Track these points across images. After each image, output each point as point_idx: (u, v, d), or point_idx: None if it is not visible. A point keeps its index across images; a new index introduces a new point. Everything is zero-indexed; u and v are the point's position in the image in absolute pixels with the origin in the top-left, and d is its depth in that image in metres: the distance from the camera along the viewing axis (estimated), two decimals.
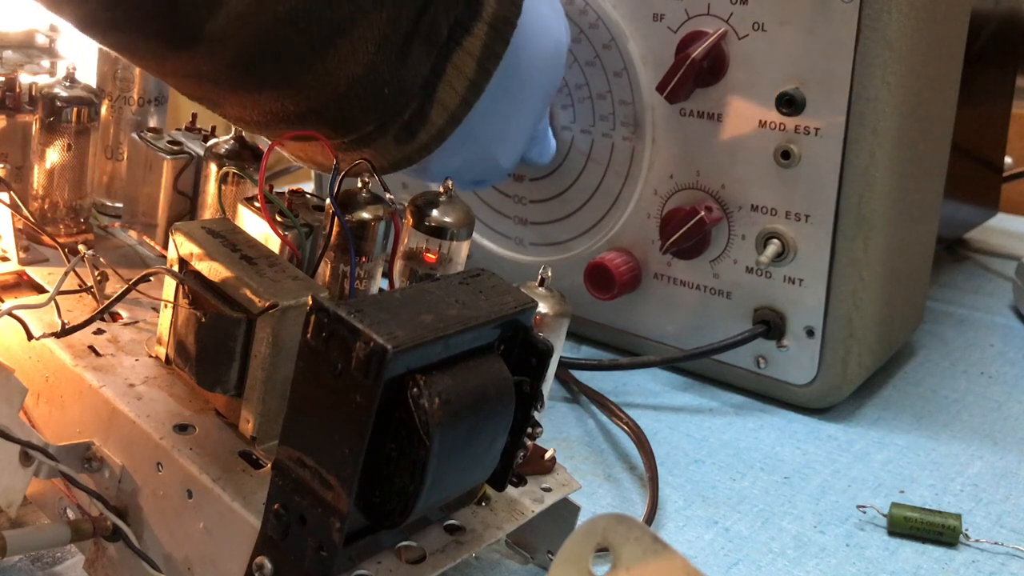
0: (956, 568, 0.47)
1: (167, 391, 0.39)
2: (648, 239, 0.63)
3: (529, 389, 0.36)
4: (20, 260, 0.47)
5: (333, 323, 0.30)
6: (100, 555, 0.38)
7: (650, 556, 0.28)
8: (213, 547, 0.35)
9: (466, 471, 0.34)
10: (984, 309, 0.80)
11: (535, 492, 0.41)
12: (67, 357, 0.40)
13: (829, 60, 0.55)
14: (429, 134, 0.48)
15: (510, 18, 0.47)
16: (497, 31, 0.47)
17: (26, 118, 0.52)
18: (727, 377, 0.63)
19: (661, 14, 0.59)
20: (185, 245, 0.38)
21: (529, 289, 0.42)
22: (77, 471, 0.37)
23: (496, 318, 0.34)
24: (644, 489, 0.51)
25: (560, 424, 0.58)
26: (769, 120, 0.57)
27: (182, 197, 0.51)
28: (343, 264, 0.41)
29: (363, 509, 0.33)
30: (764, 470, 0.55)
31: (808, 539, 0.49)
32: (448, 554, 0.37)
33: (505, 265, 0.69)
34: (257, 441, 0.37)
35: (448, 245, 0.41)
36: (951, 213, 0.76)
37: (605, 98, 0.63)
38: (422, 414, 0.31)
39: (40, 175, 0.50)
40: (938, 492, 0.53)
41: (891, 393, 0.65)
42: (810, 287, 0.58)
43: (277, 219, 0.41)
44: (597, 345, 0.67)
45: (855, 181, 0.56)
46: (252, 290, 0.36)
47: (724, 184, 0.60)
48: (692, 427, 0.58)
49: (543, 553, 0.44)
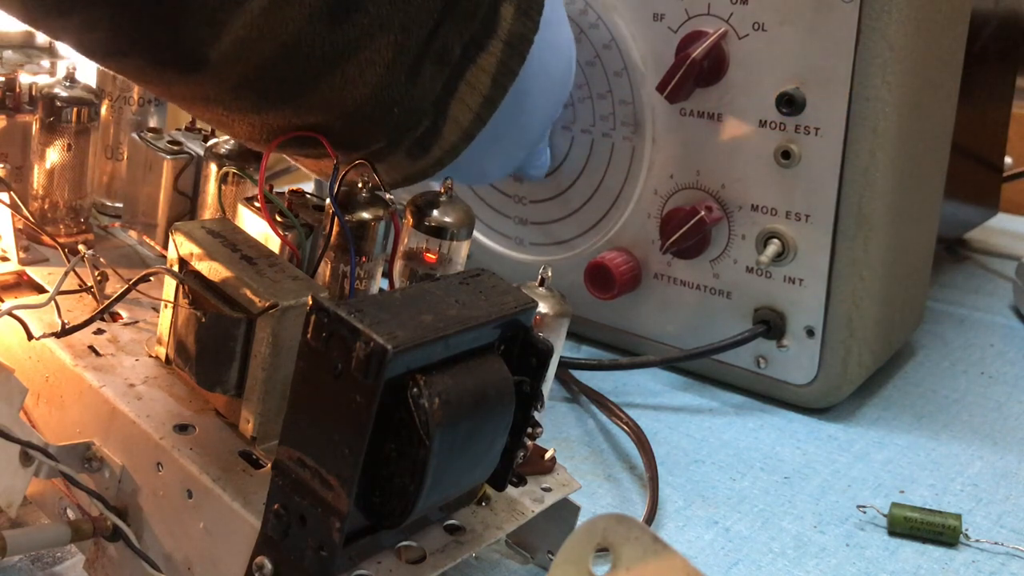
0: (956, 568, 0.47)
1: (167, 391, 0.39)
2: (648, 239, 0.63)
3: (529, 389, 0.36)
4: (20, 260, 0.47)
5: (333, 323, 0.30)
6: (100, 555, 0.38)
7: (650, 556, 0.28)
8: (213, 547, 0.35)
9: (466, 471, 0.34)
10: (984, 309, 0.80)
11: (535, 492, 0.41)
12: (67, 357, 0.40)
13: (829, 60, 0.55)
14: (443, 150, 0.47)
15: (526, 35, 0.46)
16: (513, 48, 0.46)
17: (26, 118, 0.52)
18: (727, 377, 0.63)
19: (661, 14, 0.59)
20: (185, 245, 0.38)
21: (529, 289, 0.42)
22: (77, 471, 0.37)
23: (496, 318, 0.34)
24: (644, 489, 0.51)
25: (560, 424, 0.58)
26: (769, 120, 0.57)
27: (182, 197, 0.51)
28: (343, 264, 0.41)
29: (363, 509, 0.33)
30: (764, 470, 0.55)
31: (808, 539, 0.49)
32: (448, 554, 0.37)
33: (505, 265, 0.69)
34: (257, 441, 0.37)
35: (448, 245, 0.41)
36: (951, 213, 0.76)
37: (605, 98, 0.63)
38: (422, 414, 0.31)
39: (40, 175, 0.50)
40: (938, 492, 0.53)
41: (891, 393, 0.65)
42: (810, 287, 0.58)
43: (277, 219, 0.41)
44: (597, 345, 0.67)
45: (855, 181, 0.56)
46: (252, 290, 0.36)
47: (724, 184, 0.60)
48: (692, 427, 0.58)
49: (543, 553, 0.44)
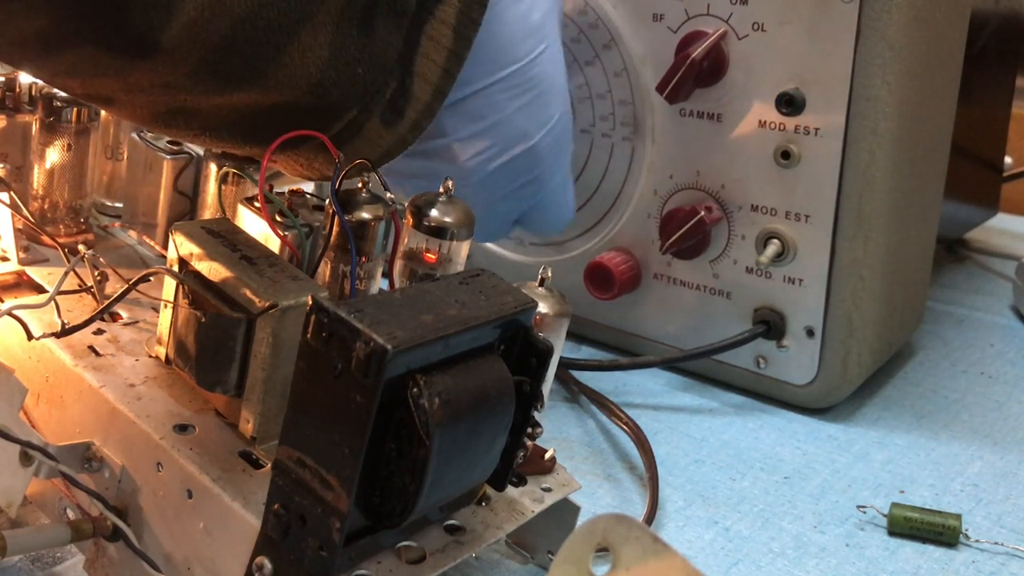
0: (956, 568, 0.47)
1: (167, 391, 0.39)
2: (648, 239, 0.63)
3: (529, 389, 0.36)
4: (20, 260, 0.47)
5: (333, 323, 0.30)
6: (100, 555, 0.38)
7: (650, 556, 0.28)
8: (213, 547, 0.35)
9: (466, 471, 0.34)
10: (984, 309, 0.80)
11: (535, 492, 0.41)
12: (67, 357, 0.40)
13: (829, 60, 0.55)
14: (416, 111, 0.46)
15: None
16: None
17: (26, 118, 0.52)
18: (727, 377, 0.63)
19: (661, 14, 0.59)
20: (185, 245, 0.38)
21: (529, 289, 0.42)
22: (77, 471, 0.37)
23: (496, 318, 0.34)
24: (644, 489, 0.51)
25: (560, 424, 0.58)
26: (769, 120, 0.57)
27: (182, 197, 0.51)
28: (343, 264, 0.41)
29: (363, 509, 0.33)
30: (764, 470, 0.55)
31: (808, 539, 0.49)
32: (448, 554, 0.37)
33: (505, 265, 0.69)
34: (257, 441, 0.37)
35: (448, 245, 0.41)
36: (951, 213, 0.76)
37: (605, 98, 0.63)
38: (422, 414, 0.31)
39: (40, 175, 0.50)
40: (938, 492, 0.53)
41: (891, 393, 0.65)
42: (810, 287, 0.58)
43: (277, 219, 0.41)
44: (597, 345, 0.67)
45: (855, 181, 0.56)
46: (252, 290, 0.36)
47: (724, 184, 0.60)
48: (692, 427, 0.58)
49: (543, 553, 0.44)
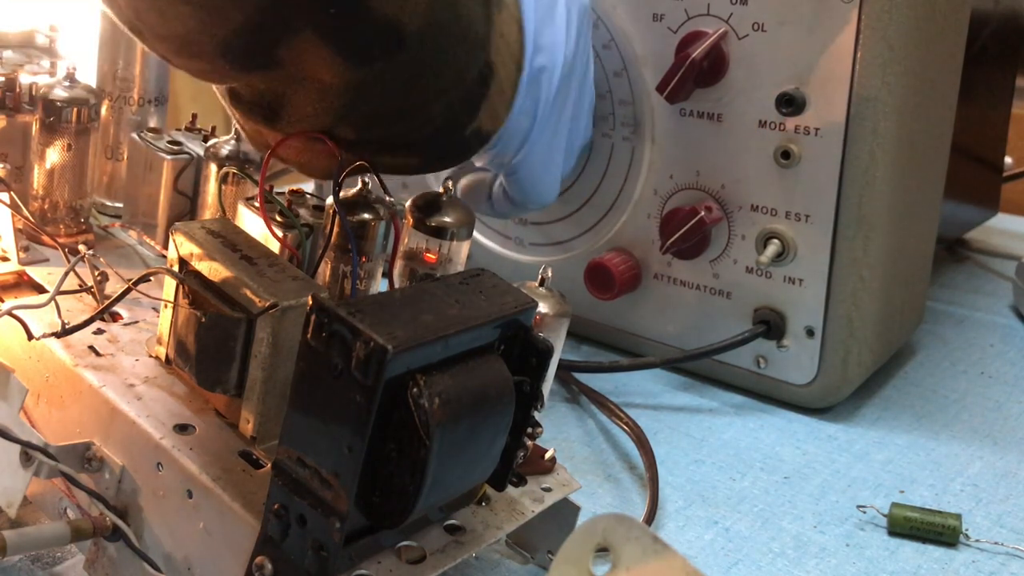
0: (956, 568, 0.47)
1: (167, 391, 0.39)
2: (648, 239, 0.63)
3: (529, 389, 0.36)
4: (20, 260, 0.47)
5: (333, 323, 0.30)
6: (100, 555, 0.38)
7: (650, 556, 0.28)
8: (213, 547, 0.35)
9: (466, 471, 0.34)
10: (984, 309, 0.80)
11: (535, 492, 0.41)
12: (67, 357, 0.40)
13: (829, 60, 0.55)
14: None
15: None
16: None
17: (26, 118, 0.52)
18: (727, 377, 0.63)
19: (661, 14, 0.59)
20: (185, 245, 0.38)
21: (529, 289, 0.42)
22: (77, 471, 0.37)
23: (496, 318, 0.34)
24: (644, 489, 0.51)
25: (560, 424, 0.58)
26: (769, 120, 0.57)
27: (182, 197, 0.51)
28: (343, 264, 0.41)
29: (363, 509, 0.33)
30: (764, 470, 0.55)
31: (808, 539, 0.49)
32: (448, 554, 0.37)
33: (505, 265, 0.69)
34: (257, 441, 0.37)
35: (448, 245, 0.41)
36: (951, 213, 0.76)
37: (605, 98, 0.63)
38: (422, 414, 0.31)
39: (40, 175, 0.50)
40: (938, 492, 0.53)
41: (891, 393, 0.65)
42: (810, 287, 0.58)
43: (277, 219, 0.41)
44: (597, 345, 0.67)
45: (855, 181, 0.56)
46: (252, 290, 0.36)
47: (724, 184, 0.60)
48: (692, 427, 0.58)
49: (543, 553, 0.44)
